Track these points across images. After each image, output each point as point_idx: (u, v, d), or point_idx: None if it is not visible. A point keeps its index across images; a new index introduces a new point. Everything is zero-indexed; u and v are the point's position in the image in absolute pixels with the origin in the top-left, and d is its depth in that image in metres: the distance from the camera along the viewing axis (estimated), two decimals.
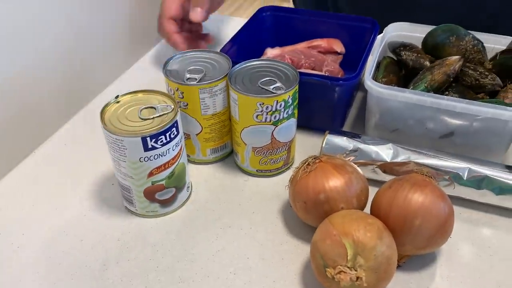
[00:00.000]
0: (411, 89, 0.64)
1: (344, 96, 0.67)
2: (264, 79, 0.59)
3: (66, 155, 0.69)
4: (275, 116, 0.57)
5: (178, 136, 0.54)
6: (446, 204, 0.49)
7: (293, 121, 0.60)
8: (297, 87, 0.58)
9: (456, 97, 0.65)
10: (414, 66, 0.68)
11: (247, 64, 0.62)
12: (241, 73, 0.60)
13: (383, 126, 0.66)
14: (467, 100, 0.58)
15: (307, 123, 0.70)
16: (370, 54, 0.72)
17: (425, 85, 0.63)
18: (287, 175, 0.64)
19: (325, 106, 0.67)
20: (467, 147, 0.62)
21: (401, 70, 0.71)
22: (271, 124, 0.58)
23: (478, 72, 0.65)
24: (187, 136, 0.63)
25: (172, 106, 0.54)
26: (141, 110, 0.53)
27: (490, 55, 0.70)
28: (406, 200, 0.48)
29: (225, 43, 0.71)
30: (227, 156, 0.67)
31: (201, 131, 0.62)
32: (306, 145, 0.68)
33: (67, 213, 0.59)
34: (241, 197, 0.61)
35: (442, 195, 0.49)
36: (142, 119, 0.52)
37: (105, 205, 0.60)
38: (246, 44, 0.77)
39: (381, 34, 0.74)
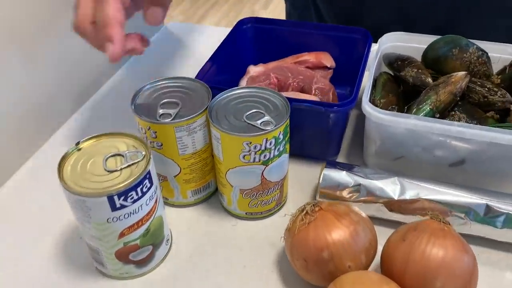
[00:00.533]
0: (415, 111, 0.57)
1: (340, 122, 0.60)
2: (250, 112, 0.51)
3: (25, 201, 0.60)
4: (264, 155, 0.49)
5: (152, 187, 0.46)
6: (469, 257, 0.42)
7: (285, 157, 0.53)
8: (288, 120, 0.50)
9: (464, 117, 0.58)
10: (414, 83, 0.61)
11: (230, 94, 0.54)
12: (223, 105, 0.52)
13: (385, 154, 0.59)
14: (480, 126, 0.52)
15: (299, 152, 0.62)
16: (366, 69, 0.64)
17: (430, 107, 0.56)
18: (280, 215, 0.57)
19: (319, 133, 0.60)
20: (479, 175, 0.56)
21: (399, 86, 0.64)
22: (261, 164, 0.50)
23: (486, 89, 0.59)
24: (163, 178, 0.55)
25: (144, 153, 0.45)
26: (106, 159, 0.45)
27: (495, 66, 0.64)
28: (424, 256, 0.41)
29: (200, 57, 0.63)
30: (211, 196, 0.59)
31: (179, 173, 0.54)
32: (300, 177, 0.61)
33: (25, 275, 0.51)
34: (230, 247, 0.53)
35: (464, 246, 0.43)
36: (108, 171, 0.44)
37: (73, 265, 0.52)
38: (226, 63, 0.69)
39: (376, 47, 0.67)
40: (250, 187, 0.52)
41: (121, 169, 0.44)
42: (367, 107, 0.55)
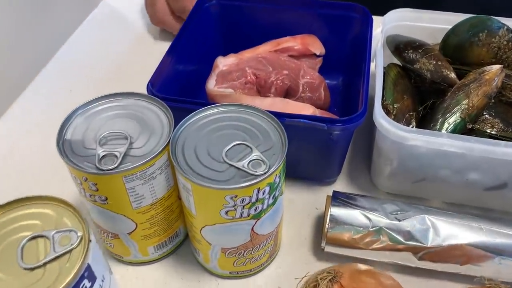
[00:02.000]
0: (441, 122, 0.44)
1: (345, 140, 0.46)
2: (231, 146, 0.36)
3: None
4: (255, 208, 0.35)
5: (96, 284, 0.31)
6: None
7: (281, 200, 0.39)
8: (285, 154, 0.36)
9: (497, 122, 0.46)
10: (434, 79, 0.47)
11: (200, 116, 0.38)
12: (191, 135, 0.37)
13: (402, 176, 0.46)
14: None
15: (293, 173, 0.48)
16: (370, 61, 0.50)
17: (461, 115, 0.43)
18: (274, 268, 0.43)
19: (318, 153, 0.46)
20: None
21: (411, 80, 0.50)
22: (250, 219, 0.36)
23: None
24: (113, 236, 0.40)
25: (79, 233, 0.30)
26: (22, 247, 0.29)
27: None
28: None
29: (153, 45, 0.46)
30: (180, 245, 0.45)
31: (135, 229, 0.39)
32: (296, 207, 0.47)
33: None
34: None
35: None
36: (24, 268, 0.29)
37: None
38: (187, 56, 0.53)
39: (379, 29, 0.53)
40: (235, 245, 0.38)
41: (44, 263, 0.29)
42: (383, 122, 0.41)
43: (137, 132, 0.37)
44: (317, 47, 0.57)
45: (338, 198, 0.42)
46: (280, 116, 0.41)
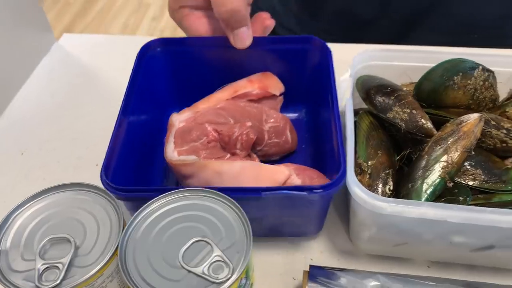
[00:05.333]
0: (420, 184, 0.40)
1: (326, 201, 0.42)
2: (188, 244, 0.32)
3: None
4: None
5: None
6: None
7: None
8: (251, 251, 0.32)
9: (479, 174, 0.43)
10: (408, 130, 0.44)
11: (153, 207, 0.34)
12: (142, 238, 0.33)
13: (382, 241, 0.43)
14: None
15: (272, 234, 0.45)
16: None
17: (440, 174, 0.40)
18: None
19: (298, 215, 0.43)
20: (510, 259, 0.42)
21: (385, 129, 0.47)
22: None
23: (504, 131, 0.43)
24: None
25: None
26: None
27: (501, 86, 0.49)
28: None
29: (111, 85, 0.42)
30: None
31: None
32: (273, 279, 0.44)
33: None
34: None
35: None
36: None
37: None
38: (137, 119, 0.48)
39: (347, 73, 0.49)
40: None
41: None
42: (358, 191, 0.38)
43: (82, 234, 0.33)
44: (277, 87, 0.53)
45: (314, 274, 0.39)
46: (256, 190, 0.38)
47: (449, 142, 0.41)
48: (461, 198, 0.41)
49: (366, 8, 0.67)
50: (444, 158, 0.41)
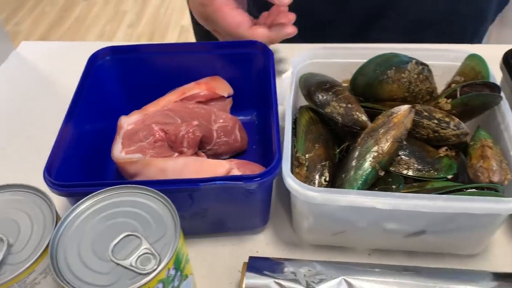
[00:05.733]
0: (353, 175, 0.42)
1: (265, 191, 0.44)
2: (118, 239, 0.33)
3: None
4: None
5: None
6: None
7: (188, 285, 0.36)
8: (180, 239, 0.33)
9: (413, 162, 0.44)
10: (345, 123, 0.46)
11: (86, 204, 0.35)
12: (76, 231, 0.34)
13: (321, 230, 0.44)
14: (447, 196, 0.38)
15: (217, 229, 0.47)
16: (279, 103, 0.48)
17: (371, 164, 0.42)
18: None
19: (240, 207, 0.44)
20: (444, 240, 0.43)
21: (326, 124, 0.49)
22: None
23: (436, 121, 0.45)
24: None
25: None
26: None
27: (438, 79, 0.51)
28: None
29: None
30: None
31: None
32: (218, 272, 0.45)
33: None
34: None
35: None
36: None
37: None
38: (88, 123, 0.49)
39: (289, 72, 0.51)
40: None
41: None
42: (291, 182, 0.39)
43: (16, 233, 0.34)
44: (224, 89, 0.54)
45: (253, 265, 0.40)
46: (193, 182, 0.39)
47: (380, 133, 0.43)
48: (394, 187, 0.42)
49: (325, 9, 0.69)
50: (375, 148, 0.42)
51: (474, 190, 0.40)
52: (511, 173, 0.41)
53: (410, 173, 0.44)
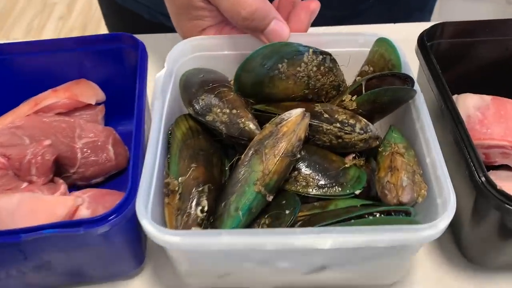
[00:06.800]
0: (234, 199, 0.33)
1: (126, 232, 0.34)
2: None
3: None
4: None
5: None
6: None
7: None
8: None
9: (312, 178, 0.36)
10: (230, 135, 0.37)
11: None
12: None
13: (202, 274, 0.35)
14: (341, 228, 0.30)
15: (74, 280, 0.36)
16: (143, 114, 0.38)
17: (256, 188, 0.33)
18: None
19: (98, 256, 0.34)
20: (351, 276, 0.35)
21: (213, 135, 0.39)
22: None
23: (338, 124, 0.36)
24: None
25: None
26: None
27: (346, 70, 0.42)
28: None
29: None
30: None
31: None
32: None
33: None
34: None
35: None
36: None
37: None
38: None
39: (164, 69, 0.41)
40: None
41: None
42: (146, 225, 0.30)
43: None
44: (91, 95, 0.44)
45: None
46: (10, 233, 0.29)
47: (266, 147, 0.34)
48: (287, 211, 0.33)
49: None
50: (260, 168, 0.33)
51: (380, 214, 0.31)
52: (426, 187, 0.33)
53: (310, 190, 0.36)
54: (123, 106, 0.46)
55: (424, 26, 0.44)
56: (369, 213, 0.31)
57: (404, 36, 0.44)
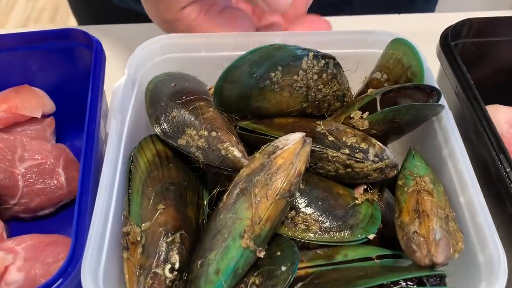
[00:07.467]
0: (213, 257, 0.25)
1: None
2: None
3: None
4: None
5: None
6: None
7: None
8: None
9: (315, 218, 0.28)
10: (209, 163, 0.28)
11: None
12: None
13: None
14: None
15: None
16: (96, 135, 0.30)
17: (242, 244, 0.25)
18: None
19: None
20: None
21: (178, 160, 0.31)
22: None
23: (347, 151, 0.29)
24: None
25: None
26: None
27: (351, 76, 0.34)
28: None
29: None
30: None
31: None
32: None
33: None
34: None
35: None
36: None
37: None
38: None
39: (123, 78, 0.32)
40: None
41: None
42: None
43: None
44: (34, 106, 0.36)
45: None
46: None
47: (256, 186, 0.26)
48: (283, 268, 0.26)
49: None
50: (248, 213, 0.25)
51: (409, 283, 0.24)
52: (462, 237, 0.25)
53: (312, 236, 0.28)
54: (78, 117, 0.38)
55: (433, 17, 0.36)
56: (394, 283, 0.24)
57: (411, 28, 0.37)
